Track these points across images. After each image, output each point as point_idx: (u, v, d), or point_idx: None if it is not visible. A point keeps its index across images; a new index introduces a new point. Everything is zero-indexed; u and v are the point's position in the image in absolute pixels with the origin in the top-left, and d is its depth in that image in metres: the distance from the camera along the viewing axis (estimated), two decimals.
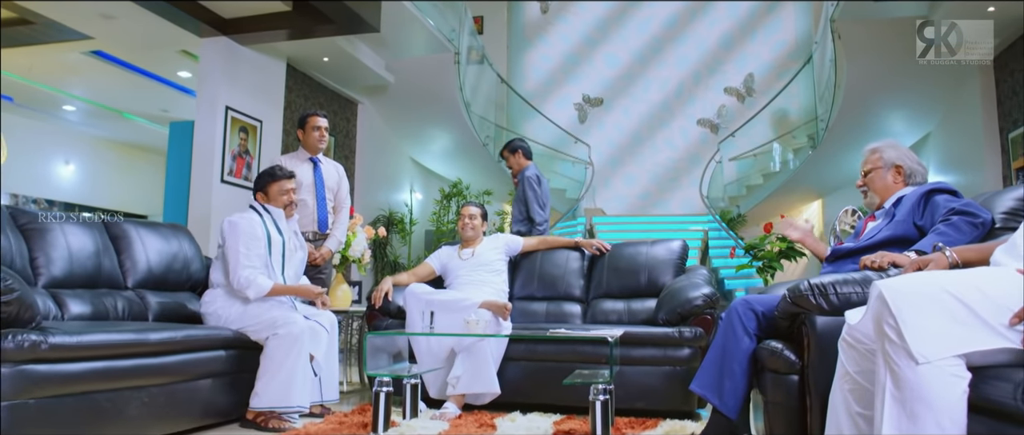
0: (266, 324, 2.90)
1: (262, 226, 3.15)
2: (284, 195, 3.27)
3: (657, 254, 3.95)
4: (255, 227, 3.11)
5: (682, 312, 3.33)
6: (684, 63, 11.77)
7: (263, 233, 3.12)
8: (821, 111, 9.48)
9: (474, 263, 3.85)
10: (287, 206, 3.29)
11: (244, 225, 3.09)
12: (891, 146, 2.53)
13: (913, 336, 1.29)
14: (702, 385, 2.33)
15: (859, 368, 1.57)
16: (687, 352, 3.26)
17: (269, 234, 3.16)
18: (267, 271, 3.10)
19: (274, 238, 3.17)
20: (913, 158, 2.52)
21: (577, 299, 4.01)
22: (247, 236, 3.06)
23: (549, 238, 4.23)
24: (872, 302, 1.42)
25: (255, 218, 3.17)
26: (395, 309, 3.68)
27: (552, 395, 3.36)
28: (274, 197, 3.27)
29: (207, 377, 2.76)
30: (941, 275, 1.42)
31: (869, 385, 1.54)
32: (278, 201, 3.27)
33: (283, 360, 2.82)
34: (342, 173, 4.18)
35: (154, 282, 3.27)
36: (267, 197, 3.28)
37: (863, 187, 2.60)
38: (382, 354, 3.12)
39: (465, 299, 3.39)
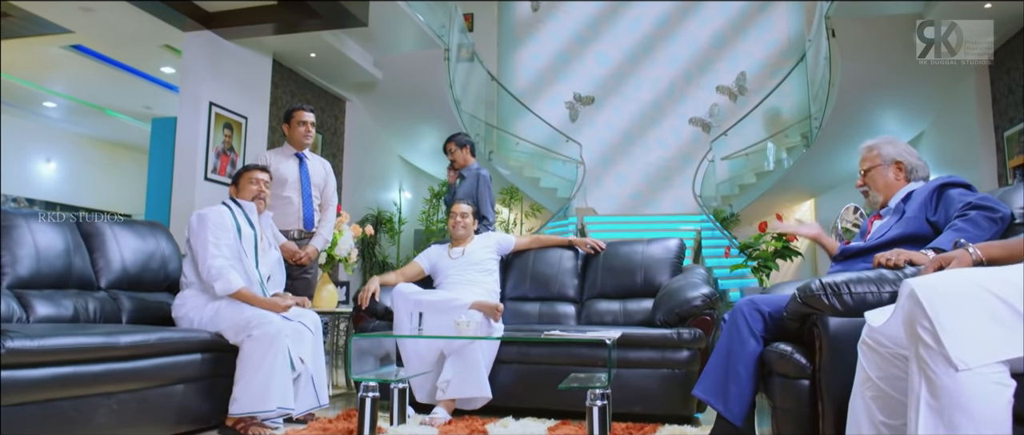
0: (241, 325, 2.75)
1: (231, 219, 3.03)
2: (253, 185, 3.16)
3: (653, 253, 3.83)
4: (223, 218, 2.99)
5: (681, 313, 3.21)
6: (676, 62, 11.69)
7: (232, 224, 3.01)
8: (814, 110, 9.41)
9: (464, 262, 3.72)
10: (256, 198, 3.17)
11: (213, 216, 2.97)
12: (888, 142, 2.42)
13: (952, 340, 1.17)
14: (706, 390, 2.21)
15: (883, 373, 1.46)
16: (686, 354, 3.14)
17: (239, 227, 3.03)
18: (239, 264, 2.97)
19: (245, 231, 3.05)
20: (912, 153, 2.41)
21: (571, 299, 3.88)
22: (216, 226, 2.94)
23: (542, 237, 4.10)
24: (903, 302, 1.29)
25: (224, 211, 3.05)
26: (382, 310, 3.54)
27: (546, 399, 3.23)
28: (243, 188, 3.17)
29: (182, 382, 2.62)
30: (977, 273, 1.30)
31: (895, 393, 1.42)
32: (247, 192, 3.16)
33: (260, 362, 2.67)
34: (329, 169, 4.04)
35: (129, 282, 3.11)
36: (238, 191, 3.19)
37: (863, 187, 2.48)
38: (368, 357, 2.98)
39: (455, 299, 3.26)
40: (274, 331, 2.72)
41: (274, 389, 2.69)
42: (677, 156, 11.48)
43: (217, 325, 2.83)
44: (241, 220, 3.07)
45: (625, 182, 11.56)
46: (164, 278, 3.27)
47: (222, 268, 2.85)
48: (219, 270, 2.84)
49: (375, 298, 3.54)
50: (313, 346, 3.04)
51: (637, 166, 11.56)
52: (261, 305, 2.86)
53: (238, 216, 3.07)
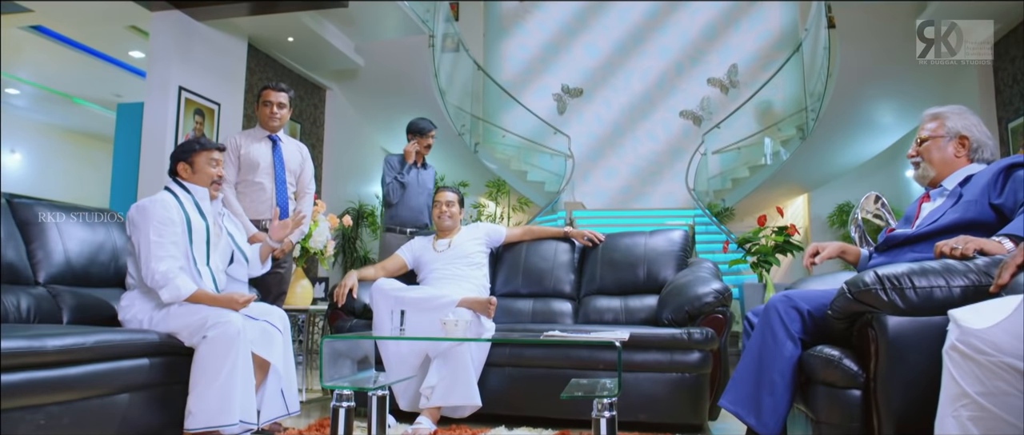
0: (196, 325, 2.41)
1: (178, 209, 2.64)
2: (212, 167, 2.76)
3: (657, 245, 3.53)
4: (169, 211, 2.60)
5: (690, 311, 2.91)
6: (666, 54, 11.42)
7: (180, 217, 2.62)
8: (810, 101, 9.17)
9: (451, 255, 3.40)
10: (214, 183, 2.78)
11: (155, 209, 2.57)
12: (958, 113, 2.12)
13: None
14: (734, 401, 1.90)
15: (985, 389, 1.16)
16: (697, 357, 2.84)
17: (189, 218, 2.65)
18: (187, 262, 2.60)
19: (195, 223, 2.67)
20: (983, 130, 2.10)
21: (567, 296, 3.57)
22: (159, 221, 2.55)
23: (535, 228, 3.79)
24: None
25: (169, 200, 2.65)
26: (360, 308, 3.22)
27: (542, 406, 2.92)
28: (199, 170, 2.75)
29: (127, 391, 2.27)
30: None
31: (1005, 413, 1.12)
32: (203, 175, 2.75)
33: (218, 368, 2.33)
34: (306, 154, 3.70)
35: (73, 277, 2.76)
36: (192, 171, 2.76)
37: (916, 157, 2.18)
38: (343, 360, 2.64)
39: (441, 296, 2.94)
40: (233, 332, 2.38)
41: (235, 399, 2.35)
42: (667, 150, 11.22)
43: (169, 325, 2.48)
44: (190, 209, 2.68)
45: (614, 176, 11.28)
46: (115, 273, 2.92)
47: (167, 273, 2.48)
48: (164, 276, 2.47)
49: (352, 294, 3.21)
50: (283, 347, 2.70)
51: (626, 160, 11.28)
52: (215, 303, 2.52)
53: (186, 205, 2.68)
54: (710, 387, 2.89)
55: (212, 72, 6.21)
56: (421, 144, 4.49)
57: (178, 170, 2.77)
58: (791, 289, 2.30)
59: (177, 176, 2.77)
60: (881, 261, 2.02)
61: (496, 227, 3.67)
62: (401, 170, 4.42)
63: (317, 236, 3.70)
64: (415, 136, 4.49)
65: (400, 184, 4.39)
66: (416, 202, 4.46)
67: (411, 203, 4.43)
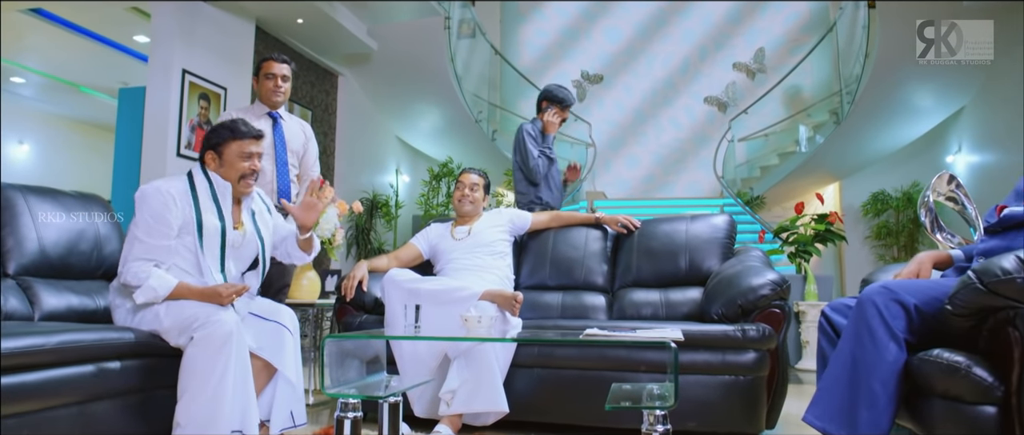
0: (183, 323, 2.10)
1: (189, 205, 2.28)
2: (246, 161, 2.36)
3: (699, 232, 3.18)
4: (168, 208, 2.23)
5: (744, 305, 2.57)
6: (690, 38, 11.01)
7: (190, 212, 2.27)
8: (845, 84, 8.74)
9: (471, 243, 3.07)
10: (243, 180, 2.38)
11: (154, 201, 2.23)
12: None
13: None
14: (823, 415, 1.56)
15: None
16: (752, 357, 2.49)
17: (201, 216, 2.28)
18: (195, 267, 2.28)
19: (208, 223, 2.30)
20: None
21: (600, 288, 3.22)
22: (152, 216, 2.21)
23: (563, 213, 3.44)
24: None
25: (177, 191, 2.28)
26: (371, 302, 2.90)
27: (575, 411, 2.60)
28: (231, 163, 2.35)
29: (101, 399, 1.97)
30: None
31: None
32: (234, 170, 2.35)
33: (208, 372, 2.02)
34: (309, 133, 3.38)
35: (49, 268, 2.46)
36: (220, 162, 2.37)
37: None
38: (351, 362, 2.32)
39: (461, 288, 2.61)
40: (224, 332, 2.06)
41: (225, 407, 2.04)
42: (691, 137, 10.82)
43: (156, 322, 2.18)
44: (206, 205, 2.31)
45: (636, 165, 10.90)
46: (97, 264, 2.62)
47: (139, 273, 2.15)
48: (136, 275, 2.15)
49: (362, 287, 2.89)
50: (294, 352, 2.38)
51: (649, 148, 10.89)
52: (198, 297, 2.20)
53: (203, 199, 2.31)
54: (767, 391, 2.55)
55: (218, 55, 5.91)
56: (561, 115, 4.00)
57: (206, 158, 2.39)
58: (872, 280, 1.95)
59: (204, 163, 2.40)
60: (998, 244, 1.66)
61: (521, 213, 3.33)
62: (544, 143, 3.95)
63: (324, 223, 3.37)
64: (553, 105, 3.98)
65: (548, 158, 3.92)
66: (557, 182, 4.04)
67: (552, 183, 3.99)
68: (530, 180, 3.93)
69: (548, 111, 3.97)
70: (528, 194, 3.94)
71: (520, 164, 3.95)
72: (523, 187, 3.98)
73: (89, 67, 8.00)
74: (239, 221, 2.41)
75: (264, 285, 3.06)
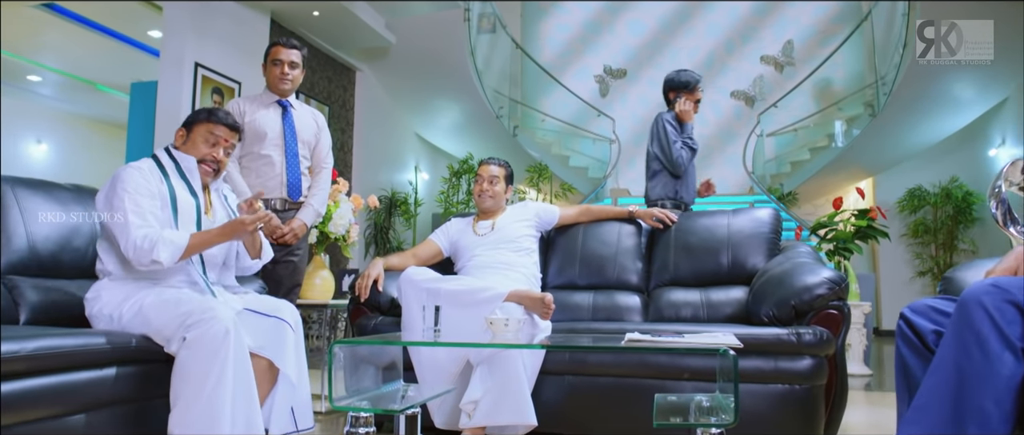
0: (174, 324, 1.89)
1: (161, 180, 2.15)
2: (209, 146, 2.23)
3: (742, 226, 2.92)
4: (146, 178, 2.11)
5: (798, 305, 2.31)
6: (715, 30, 10.72)
7: (162, 188, 2.14)
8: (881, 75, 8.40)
9: (495, 239, 2.84)
10: (203, 163, 2.24)
11: (129, 176, 2.08)
12: None
13: None
14: (923, 433, 1.31)
15: None
16: (808, 364, 2.24)
17: (173, 192, 2.15)
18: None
19: (182, 198, 2.17)
20: None
21: (634, 288, 2.98)
22: (135, 190, 2.06)
23: (593, 207, 3.20)
24: None
25: (149, 168, 2.16)
26: (387, 302, 2.68)
27: (610, 423, 2.36)
28: (194, 143, 2.24)
29: (87, 410, 1.77)
30: None
31: None
32: (196, 150, 2.23)
33: (202, 376, 1.81)
34: (322, 123, 3.17)
35: (38, 267, 2.27)
36: (186, 138, 2.27)
37: None
38: (365, 369, 2.10)
39: (485, 288, 2.38)
40: (219, 331, 1.85)
41: (224, 415, 1.83)
42: (717, 133, 10.53)
43: (143, 324, 1.98)
44: (177, 183, 2.19)
45: None
46: (92, 260, 2.41)
47: (152, 236, 1.99)
48: (147, 238, 1.98)
49: (378, 287, 2.68)
50: (296, 350, 2.17)
51: None
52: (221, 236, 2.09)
53: (172, 176, 2.19)
54: (825, 402, 2.29)
55: (231, 48, 5.75)
56: (692, 98, 3.67)
57: (176, 135, 2.30)
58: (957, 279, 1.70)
59: (174, 143, 2.30)
60: None
61: (548, 206, 3.10)
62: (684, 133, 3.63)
63: (338, 219, 3.18)
64: (681, 92, 3.66)
65: (692, 149, 3.62)
66: (693, 182, 3.74)
67: (690, 181, 3.68)
68: (673, 172, 3.59)
69: (678, 100, 3.65)
70: (663, 188, 3.62)
71: (660, 154, 3.61)
72: (660, 182, 3.65)
73: (105, 64, 7.89)
74: (209, 205, 2.25)
75: (274, 285, 2.87)
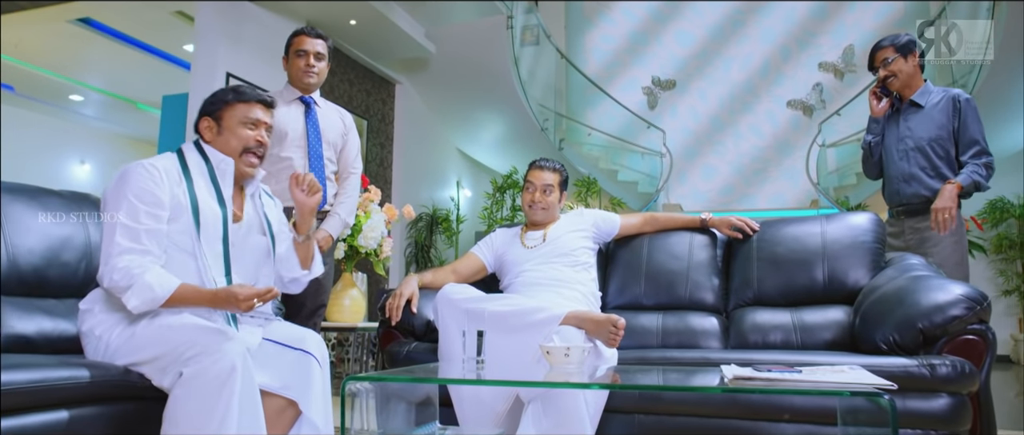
0: (172, 353, 1.54)
1: (182, 183, 1.76)
2: (250, 129, 1.85)
3: (839, 235, 2.47)
4: (158, 183, 1.72)
5: (927, 330, 1.86)
6: (770, 37, 10.21)
7: (184, 193, 1.75)
8: (956, 79, 7.80)
9: (547, 251, 2.45)
10: (245, 154, 1.86)
11: (137, 177, 1.70)
12: None
13: None
14: None
15: None
16: (945, 404, 1.79)
17: (195, 199, 1.76)
18: (197, 264, 1.73)
19: (207, 209, 1.78)
20: None
21: (710, 308, 2.54)
22: (136, 196, 1.68)
23: (659, 215, 2.78)
24: None
25: (165, 167, 1.76)
26: (422, 326, 2.30)
27: None
28: (232, 130, 1.84)
29: None
30: None
31: None
32: (236, 138, 1.83)
33: (201, 421, 1.46)
34: (349, 123, 2.83)
35: (19, 283, 1.96)
36: (218, 130, 1.86)
37: None
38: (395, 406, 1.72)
39: (538, 309, 1.99)
40: (225, 367, 1.49)
41: None
42: (774, 145, 9.99)
43: (134, 352, 1.63)
44: (202, 186, 1.80)
45: (713, 175, 10.12)
46: (85, 278, 2.10)
47: (130, 268, 1.61)
48: (126, 272, 1.61)
49: (412, 308, 2.30)
50: (323, 389, 1.79)
51: (727, 157, 10.10)
52: (208, 302, 1.65)
53: (197, 179, 1.80)
54: None
55: (264, 58, 5.51)
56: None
57: (200, 127, 1.90)
58: None
59: (200, 136, 1.90)
60: None
61: (608, 214, 2.69)
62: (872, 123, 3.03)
63: (369, 231, 2.82)
64: None
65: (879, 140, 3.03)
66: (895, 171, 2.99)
67: (890, 171, 2.98)
68: (869, 168, 3.03)
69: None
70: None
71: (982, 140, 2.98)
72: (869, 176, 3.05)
73: (143, 81, 7.81)
74: (240, 211, 1.87)
75: (295, 306, 2.52)
